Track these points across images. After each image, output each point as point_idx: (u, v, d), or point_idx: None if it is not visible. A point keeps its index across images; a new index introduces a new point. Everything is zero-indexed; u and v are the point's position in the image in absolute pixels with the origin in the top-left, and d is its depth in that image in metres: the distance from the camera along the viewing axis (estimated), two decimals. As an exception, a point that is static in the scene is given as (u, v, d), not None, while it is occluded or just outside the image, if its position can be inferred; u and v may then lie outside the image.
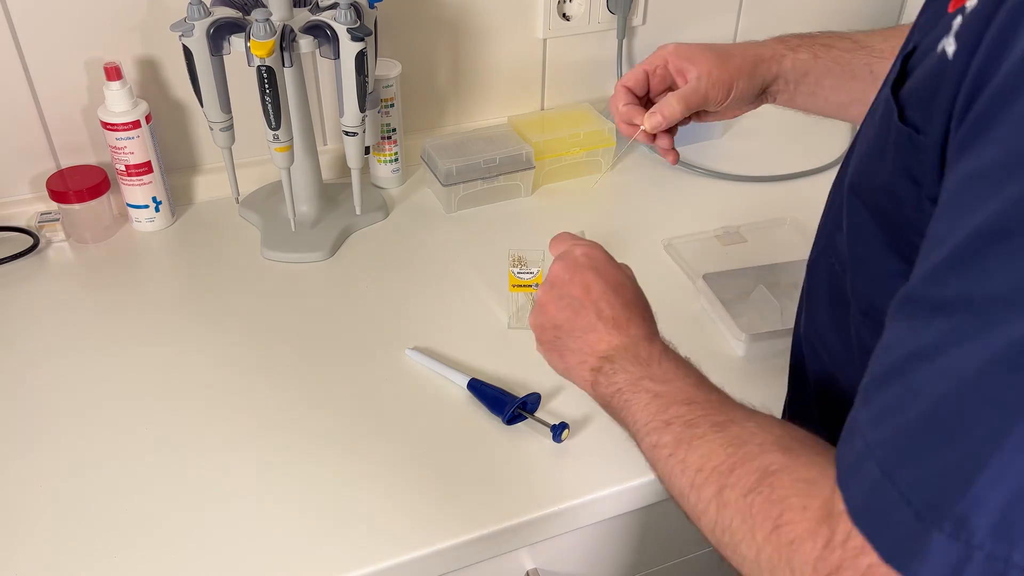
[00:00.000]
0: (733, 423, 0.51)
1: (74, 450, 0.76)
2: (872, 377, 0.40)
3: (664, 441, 0.53)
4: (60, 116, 1.00)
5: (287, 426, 0.78)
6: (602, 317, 0.63)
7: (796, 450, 0.47)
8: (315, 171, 1.02)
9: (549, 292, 0.66)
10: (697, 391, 0.56)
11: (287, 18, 0.90)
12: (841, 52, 0.76)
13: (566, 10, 1.15)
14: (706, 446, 0.50)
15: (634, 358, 0.60)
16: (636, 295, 0.66)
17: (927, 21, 0.48)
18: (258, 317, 0.91)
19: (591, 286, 0.64)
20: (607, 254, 0.68)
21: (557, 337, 0.65)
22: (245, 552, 0.68)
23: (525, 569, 0.78)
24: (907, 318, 0.38)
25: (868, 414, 0.39)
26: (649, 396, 0.57)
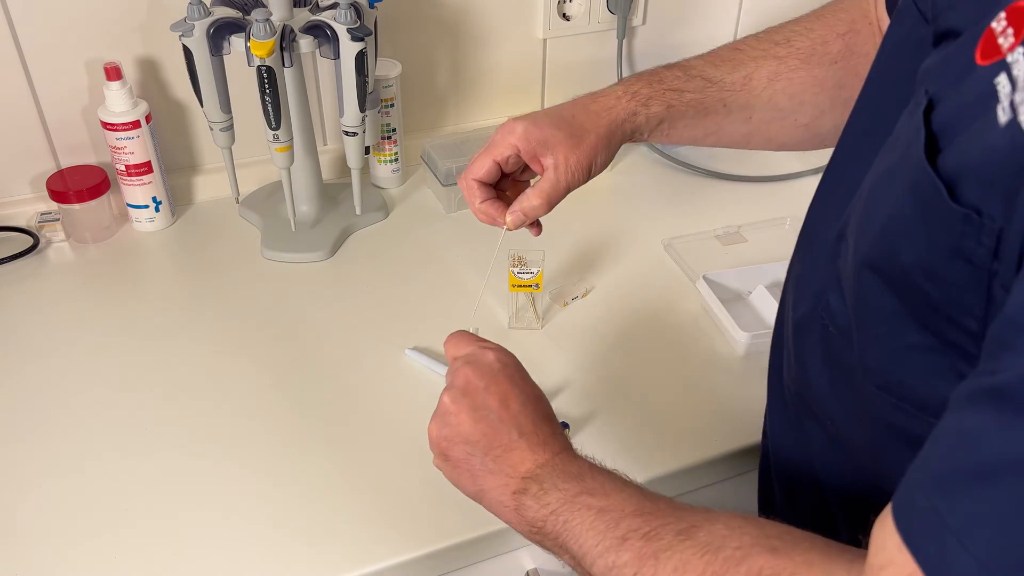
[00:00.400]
0: (698, 528, 0.47)
1: (74, 449, 0.76)
2: (954, 469, 0.36)
3: (623, 560, 0.48)
4: (60, 116, 1.00)
5: (287, 426, 0.78)
6: (524, 434, 0.57)
7: (784, 550, 0.43)
8: (315, 171, 1.02)
9: (461, 401, 0.58)
10: (643, 500, 0.51)
11: (287, 18, 0.90)
12: (693, 95, 0.73)
13: (566, 10, 1.15)
14: (676, 557, 0.46)
15: (564, 474, 0.54)
16: (550, 408, 0.61)
17: (942, 69, 0.43)
18: (258, 317, 0.91)
19: (510, 398, 0.58)
20: (518, 361, 0.62)
21: (470, 455, 0.58)
22: (245, 552, 0.68)
23: (525, 569, 0.78)
24: (997, 412, 0.34)
25: (964, 516, 0.34)
26: (593, 513, 0.51)
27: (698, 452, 0.77)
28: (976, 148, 0.38)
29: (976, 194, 0.38)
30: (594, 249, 1.01)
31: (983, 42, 0.40)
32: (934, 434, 0.38)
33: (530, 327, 0.90)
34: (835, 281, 0.53)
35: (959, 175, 0.39)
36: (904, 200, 0.42)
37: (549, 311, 0.92)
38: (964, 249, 0.39)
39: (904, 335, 0.45)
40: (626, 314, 0.92)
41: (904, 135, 0.44)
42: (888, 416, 0.49)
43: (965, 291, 0.40)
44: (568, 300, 0.93)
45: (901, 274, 0.44)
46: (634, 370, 0.85)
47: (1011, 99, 0.36)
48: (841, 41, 0.73)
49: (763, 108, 0.74)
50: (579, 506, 0.52)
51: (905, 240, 0.43)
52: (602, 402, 0.81)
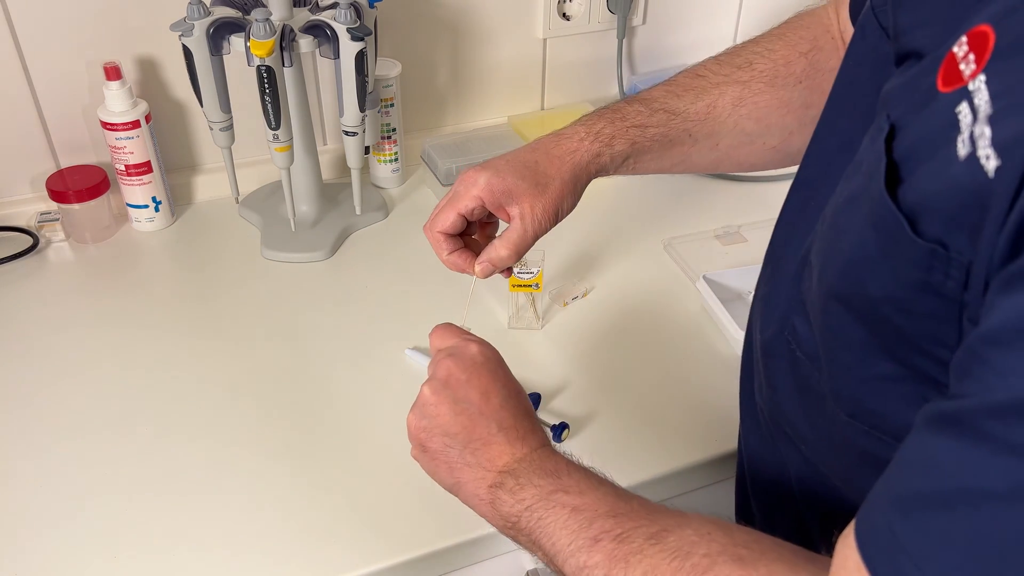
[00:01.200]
0: (669, 532, 0.47)
1: (73, 449, 0.76)
2: (913, 492, 0.36)
3: (595, 561, 0.48)
4: (60, 116, 1.00)
5: (287, 426, 0.78)
6: (504, 428, 0.57)
7: (751, 560, 0.44)
8: (315, 171, 1.02)
9: (442, 392, 0.58)
10: (618, 500, 0.51)
11: (287, 18, 0.89)
12: (656, 129, 0.72)
13: (566, 10, 1.15)
14: (646, 562, 0.46)
15: (540, 470, 0.54)
16: (529, 404, 0.61)
17: (905, 94, 0.43)
18: (257, 317, 0.91)
19: (491, 392, 0.58)
20: (500, 355, 0.62)
21: (448, 447, 0.58)
22: (245, 552, 0.68)
23: (525, 569, 0.78)
24: (956, 439, 0.35)
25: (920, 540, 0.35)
26: (567, 511, 0.51)
27: (698, 452, 0.77)
28: (937, 182, 0.38)
29: (940, 228, 0.38)
30: (594, 249, 1.01)
31: (945, 67, 0.39)
32: (898, 454, 0.38)
33: (530, 327, 0.90)
34: (800, 305, 0.53)
35: (920, 209, 0.39)
36: (867, 233, 0.42)
37: (549, 311, 0.92)
38: (932, 283, 0.39)
39: (873, 365, 0.45)
40: (626, 314, 0.92)
41: (866, 162, 0.44)
42: (860, 442, 0.49)
43: (938, 322, 0.40)
44: (568, 300, 0.93)
45: (869, 306, 0.43)
46: (634, 370, 0.85)
47: (971, 131, 0.36)
48: (804, 60, 0.72)
49: (729, 134, 0.73)
50: (553, 504, 0.52)
51: (871, 273, 0.42)
52: (602, 402, 0.81)
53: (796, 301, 0.53)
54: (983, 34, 0.37)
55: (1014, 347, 0.33)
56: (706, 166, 0.77)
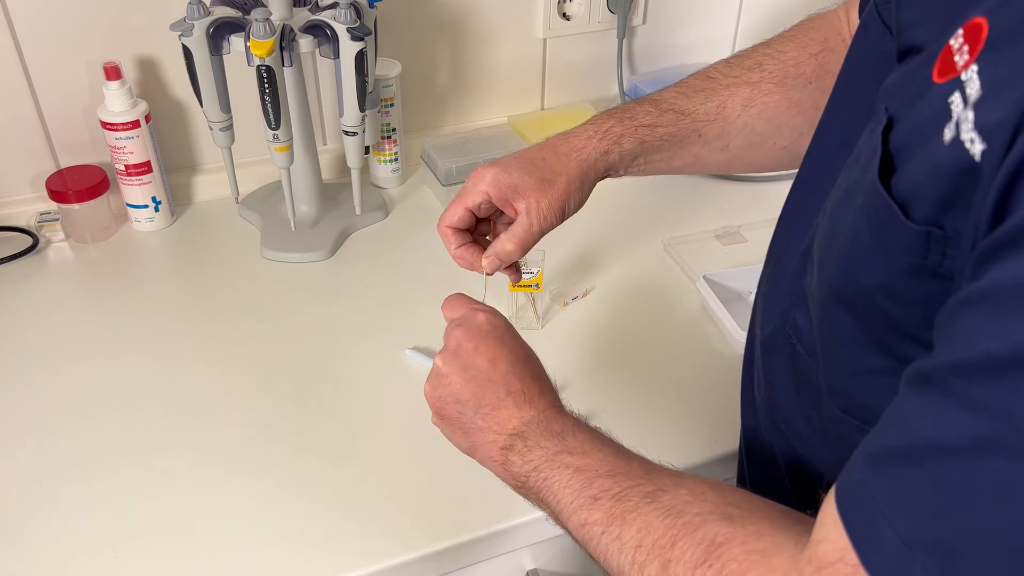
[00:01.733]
0: (664, 491, 0.49)
1: (73, 449, 0.76)
2: (886, 447, 0.37)
3: (594, 518, 0.50)
4: (60, 116, 1.00)
5: (287, 426, 0.78)
6: (512, 392, 0.58)
7: (739, 518, 0.45)
8: (315, 171, 1.02)
9: (452, 362, 0.60)
10: (618, 460, 0.53)
11: (287, 18, 0.89)
12: (666, 128, 0.73)
13: (566, 10, 1.15)
14: (641, 519, 0.48)
15: (547, 431, 0.56)
16: (540, 368, 0.62)
17: (902, 87, 0.44)
18: (257, 317, 0.91)
19: (498, 358, 0.59)
20: (508, 322, 0.63)
21: (461, 413, 0.60)
22: (245, 552, 0.68)
23: (525, 569, 0.78)
24: (925, 396, 0.36)
25: (888, 492, 0.36)
26: (570, 471, 0.53)
27: (698, 452, 0.77)
28: (924, 168, 0.39)
29: (931, 212, 0.38)
30: (594, 249, 1.01)
31: (941, 59, 0.39)
32: (884, 415, 0.39)
33: (530, 327, 0.90)
34: (801, 300, 0.53)
35: (911, 195, 0.40)
36: (860, 223, 0.43)
37: (549, 311, 0.92)
38: (929, 265, 0.39)
39: (864, 358, 0.46)
40: (626, 314, 0.92)
41: (863, 155, 0.44)
42: (852, 438, 0.49)
43: (933, 307, 0.40)
44: (568, 300, 0.93)
45: (863, 296, 0.44)
46: (634, 370, 0.85)
47: (958, 118, 0.37)
48: (815, 61, 0.72)
49: (740, 134, 0.73)
50: (558, 464, 0.54)
51: (864, 263, 0.43)
52: (602, 402, 0.81)
53: (798, 296, 0.54)
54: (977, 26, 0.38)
55: (982, 308, 0.34)
56: (717, 167, 0.77)
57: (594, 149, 0.71)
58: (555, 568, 0.80)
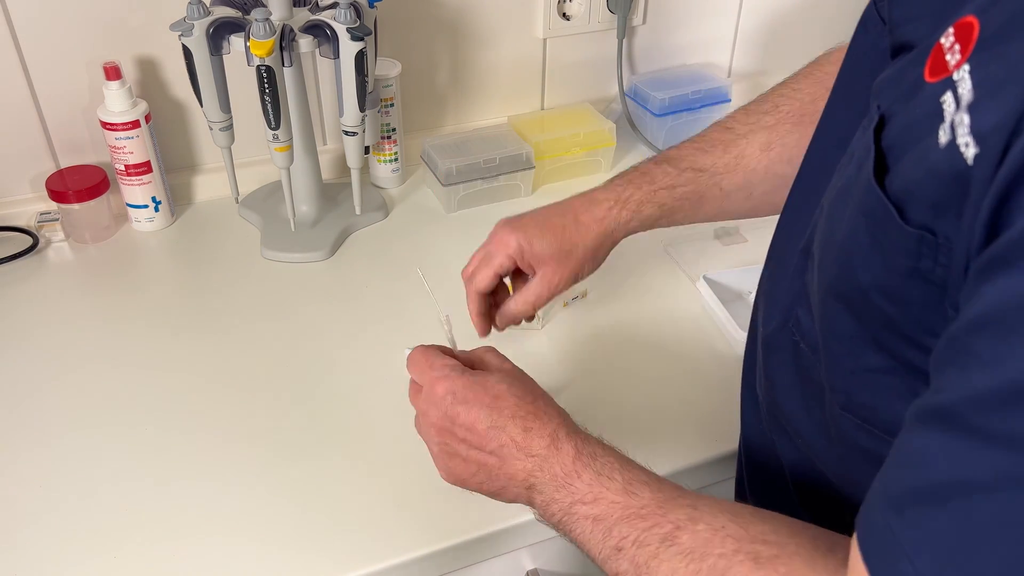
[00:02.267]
0: (681, 531, 0.48)
1: (73, 449, 0.76)
2: (907, 488, 0.36)
3: (623, 568, 0.50)
4: (60, 116, 1.00)
5: (286, 426, 0.78)
6: (503, 445, 0.58)
7: (767, 559, 0.44)
8: (315, 171, 1.02)
9: (444, 448, 0.61)
10: (629, 500, 0.52)
11: (287, 18, 0.89)
12: (685, 188, 0.74)
13: (566, 10, 1.15)
14: (666, 565, 0.47)
15: (553, 480, 0.56)
16: (518, 398, 0.59)
17: (894, 84, 0.43)
18: (257, 317, 0.91)
19: (474, 425, 0.58)
20: (466, 377, 0.60)
21: (481, 482, 0.60)
22: (245, 552, 0.68)
23: (525, 569, 0.78)
24: (942, 432, 0.35)
25: (914, 535, 0.35)
26: (589, 523, 0.53)
27: (698, 452, 0.77)
28: (919, 169, 0.38)
29: (926, 215, 0.38)
30: (594, 249, 1.01)
31: (932, 58, 0.39)
32: (892, 451, 0.38)
33: (530, 327, 0.90)
34: (803, 297, 0.53)
35: (906, 196, 0.39)
36: (857, 221, 0.43)
37: (549, 311, 0.92)
38: (921, 269, 0.39)
39: (863, 356, 0.46)
40: (626, 314, 0.92)
41: (858, 152, 0.44)
42: (853, 436, 0.49)
43: (925, 310, 0.40)
44: (568, 300, 0.93)
45: (860, 295, 0.44)
46: (634, 370, 0.85)
47: (952, 119, 0.36)
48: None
49: (762, 182, 0.74)
50: (576, 517, 0.54)
51: (861, 261, 0.43)
52: (602, 402, 0.81)
53: (800, 293, 0.54)
54: (968, 25, 0.37)
55: (995, 335, 0.33)
56: (744, 214, 0.79)
57: (614, 220, 0.76)
58: (555, 568, 0.80)
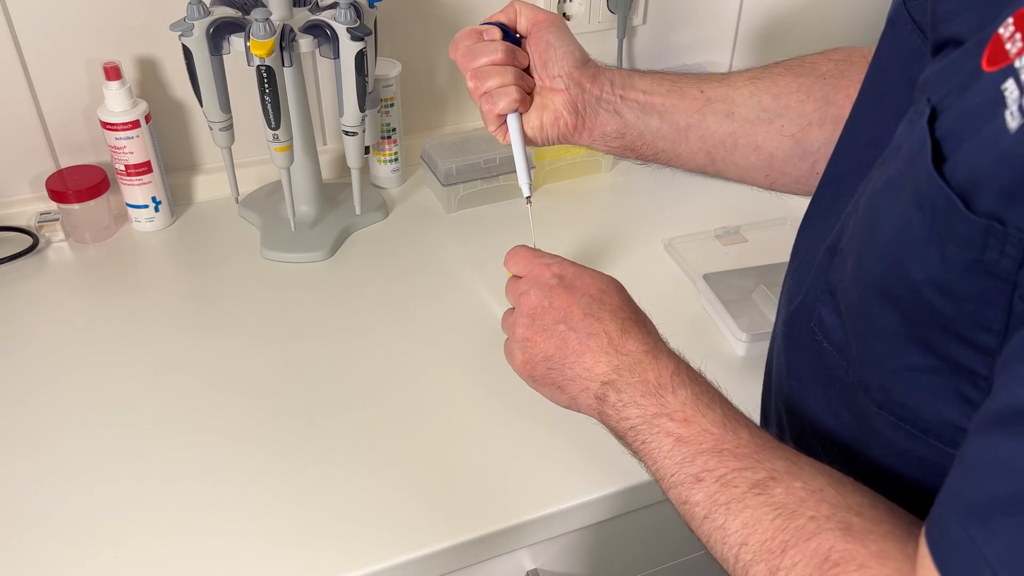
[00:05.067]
0: (776, 482, 0.46)
1: (73, 449, 0.76)
2: (990, 498, 0.35)
3: (696, 499, 0.48)
4: (60, 116, 1.00)
5: (286, 426, 0.78)
6: (593, 334, 0.58)
7: (859, 531, 0.42)
8: (315, 171, 1.02)
9: (530, 327, 0.61)
10: (725, 433, 0.50)
11: (287, 18, 0.89)
12: (664, 75, 0.73)
13: (566, 9, 1.15)
14: (748, 512, 0.45)
15: (642, 385, 0.55)
16: (622, 302, 0.61)
17: (946, 77, 0.42)
18: (258, 317, 0.91)
19: (572, 307, 0.59)
20: (577, 267, 0.63)
21: (551, 369, 0.60)
22: (245, 552, 0.68)
23: (525, 569, 0.78)
24: (1021, 438, 0.34)
25: (999, 546, 0.34)
26: (671, 441, 0.51)
27: (698, 452, 0.77)
28: (989, 156, 0.37)
29: (996, 204, 0.37)
30: (594, 249, 1.01)
31: (990, 48, 0.39)
32: (963, 459, 0.37)
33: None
34: (828, 295, 0.52)
35: (972, 186, 0.38)
36: (911, 213, 0.41)
37: (549, 311, 0.92)
38: (985, 261, 0.38)
39: (905, 355, 0.45)
40: (626, 314, 0.92)
41: (906, 145, 0.43)
42: (890, 436, 0.48)
43: (984, 305, 0.39)
44: (568, 300, 0.93)
45: (909, 291, 0.42)
46: (634, 370, 0.85)
47: (1019, 103, 0.36)
48: (832, 64, 0.71)
49: (745, 105, 0.72)
50: (657, 429, 0.52)
51: (915, 255, 0.41)
52: (602, 402, 0.81)
53: (824, 291, 0.53)
54: None
55: None
56: (723, 139, 0.73)
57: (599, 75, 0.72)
58: (555, 568, 0.80)
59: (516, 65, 0.71)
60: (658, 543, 0.86)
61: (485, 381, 0.83)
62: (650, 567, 0.88)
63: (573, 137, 0.73)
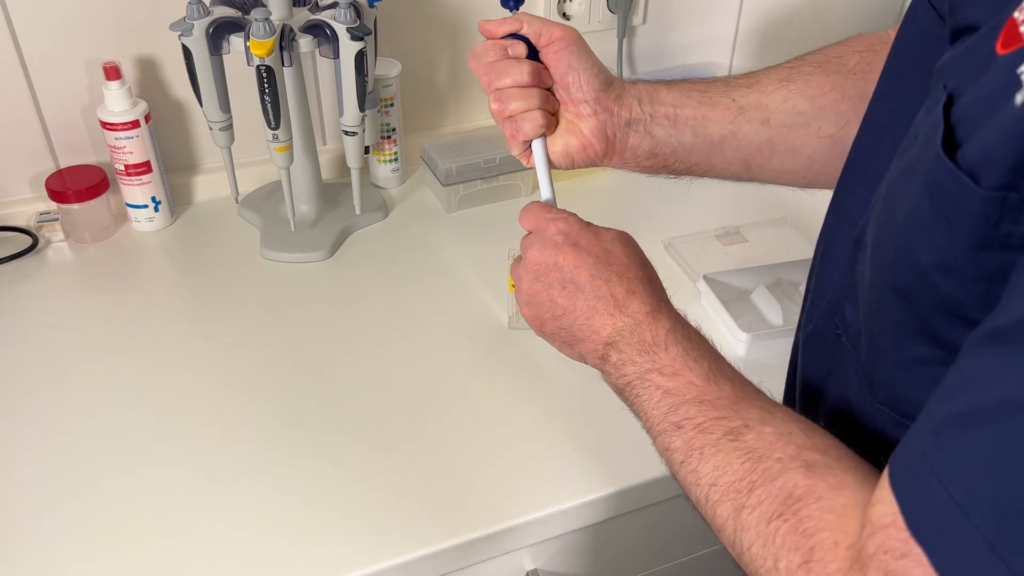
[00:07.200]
0: (749, 429, 0.48)
1: (73, 449, 0.76)
2: (949, 413, 0.36)
3: (675, 446, 0.51)
4: (59, 116, 1.00)
5: (286, 426, 0.78)
6: (600, 297, 0.59)
7: (821, 467, 0.44)
8: (315, 171, 1.02)
9: (536, 283, 0.61)
10: (708, 385, 0.52)
11: (286, 17, 0.89)
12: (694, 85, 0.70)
13: (566, 9, 1.15)
14: (719, 456, 0.48)
15: (639, 344, 0.56)
16: (629, 259, 0.61)
17: (962, 63, 0.42)
18: (258, 317, 0.91)
19: (579, 266, 0.60)
20: (583, 224, 0.63)
21: (560, 328, 0.61)
22: (245, 551, 0.68)
23: (525, 569, 0.78)
24: (998, 353, 0.35)
25: (947, 456, 0.35)
26: (660, 393, 0.53)
27: (698, 452, 0.76)
28: (997, 135, 0.37)
29: (1005, 178, 0.37)
30: (594, 249, 1.01)
31: (1005, 32, 0.39)
32: (941, 383, 0.38)
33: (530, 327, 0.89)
34: (851, 290, 0.52)
35: (982, 164, 0.38)
36: (920, 199, 0.41)
37: (549, 311, 0.92)
38: (1000, 235, 0.37)
39: (910, 348, 0.45)
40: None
41: (922, 132, 0.43)
42: (891, 434, 0.48)
43: (995, 283, 0.38)
44: (568, 300, 0.93)
45: (917, 278, 0.42)
46: (634, 370, 0.85)
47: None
48: (859, 56, 0.70)
49: (779, 110, 0.69)
50: (648, 384, 0.55)
51: (923, 240, 0.41)
52: (602, 403, 0.81)
53: (848, 286, 0.53)
54: None
55: None
56: (760, 147, 0.70)
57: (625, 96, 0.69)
58: (555, 568, 0.80)
59: (541, 86, 0.67)
60: (658, 543, 0.86)
61: (485, 381, 0.83)
62: (650, 567, 0.88)
63: (603, 162, 0.71)
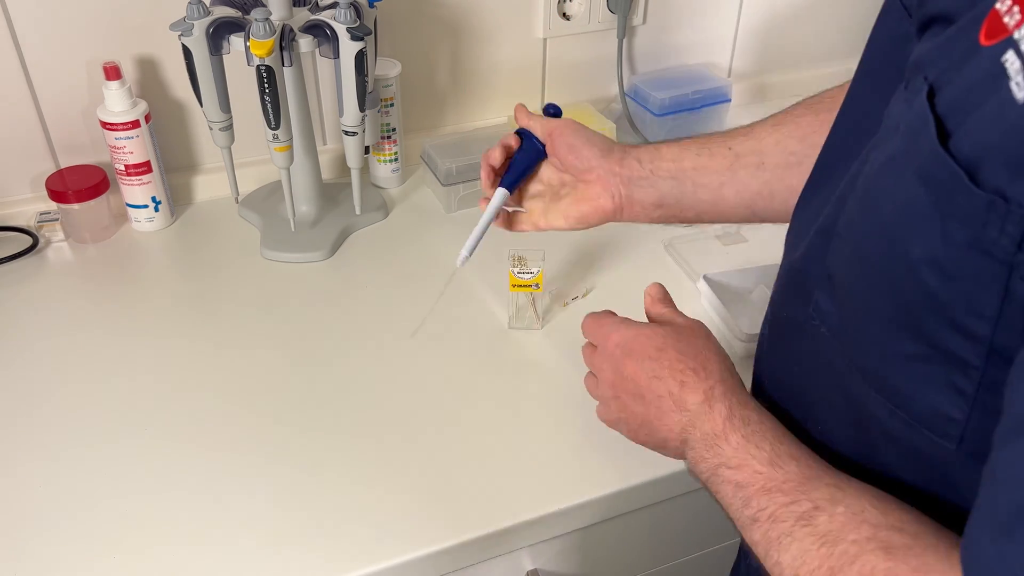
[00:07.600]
0: (820, 511, 0.48)
1: (74, 449, 0.76)
2: (1017, 508, 0.35)
3: (755, 539, 0.51)
4: (60, 116, 1.00)
5: (287, 426, 0.78)
6: (659, 396, 0.62)
7: (900, 549, 0.43)
8: (315, 171, 1.02)
9: (609, 393, 0.67)
10: (772, 471, 0.53)
11: (286, 17, 0.89)
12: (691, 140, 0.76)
13: (566, 9, 1.15)
14: (796, 546, 0.48)
15: (703, 440, 0.58)
16: (680, 351, 0.64)
17: (941, 54, 0.42)
18: (258, 317, 0.91)
19: (639, 376, 0.63)
20: (632, 328, 0.67)
21: (648, 435, 0.65)
22: (245, 551, 0.68)
23: (525, 569, 0.78)
24: None
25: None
26: (731, 487, 0.55)
27: (698, 452, 0.76)
28: (995, 129, 0.37)
29: (1002, 177, 0.36)
30: (594, 249, 1.01)
31: (988, 23, 0.39)
32: (990, 473, 0.37)
33: (530, 327, 0.90)
34: (825, 280, 0.52)
35: (979, 158, 0.37)
36: (915, 190, 0.41)
37: (549, 311, 0.92)
38: (984, 240, 0.37)
39: (899, 342, 0.45)
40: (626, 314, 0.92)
41: (905, 123, 0.43)
42: (887, 425, 0.48)
43: (978, 287, 0.38)
44: (568, 300, 0.93)
45: (906, 271, 0.42)
46: (634, 370, 0.85)
47: (1023, 74, 0.36)
48: None
49: (774, 153, 0.73)
50: (720, 480, 0.56)
51: (916, 233, 0.41)
52: (602, 402, 0.81)
53: (821, 277, 0.53)
54: None
55: None
56: (758, 190, 0.74)
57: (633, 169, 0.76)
58: (555, 568, 0.80)
59: None
60: (658, 543, 0.86)
61: (485, 381, 0.83)
62: (650, 567, 0.88)
63: (615, 218, 0.77)
